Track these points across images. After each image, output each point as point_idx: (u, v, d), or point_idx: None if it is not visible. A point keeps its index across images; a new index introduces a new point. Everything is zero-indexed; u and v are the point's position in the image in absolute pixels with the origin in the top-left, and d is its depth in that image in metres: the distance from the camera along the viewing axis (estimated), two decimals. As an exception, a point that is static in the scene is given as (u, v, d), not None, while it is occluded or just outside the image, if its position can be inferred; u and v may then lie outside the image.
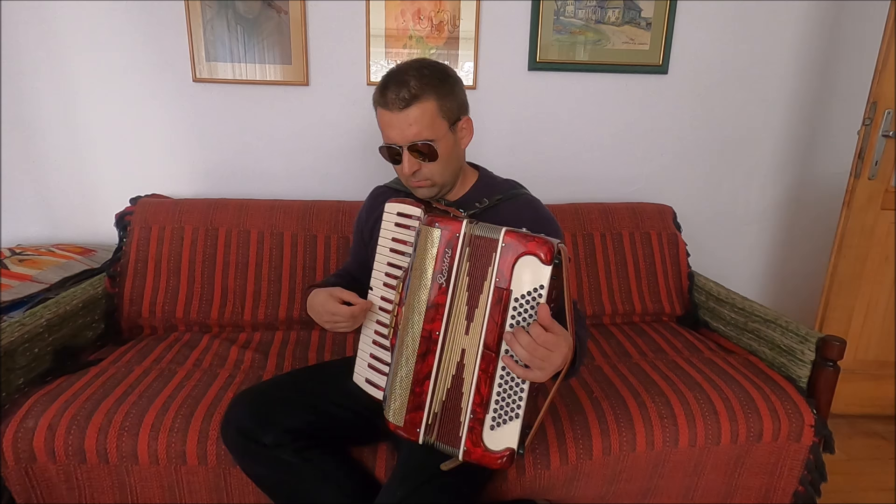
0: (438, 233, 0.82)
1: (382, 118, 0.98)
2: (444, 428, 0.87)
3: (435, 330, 0.84)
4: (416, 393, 0.87)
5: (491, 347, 0.80)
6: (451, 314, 0.84)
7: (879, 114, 1.61)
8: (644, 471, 1.17)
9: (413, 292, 0.85)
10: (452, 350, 0.85)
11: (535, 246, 0.77)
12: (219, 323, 1.54)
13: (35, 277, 1.47)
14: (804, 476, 1.24)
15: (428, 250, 0.83)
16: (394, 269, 0.94)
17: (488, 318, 0.80)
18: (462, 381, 0.84)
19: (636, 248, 1.70)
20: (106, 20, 1.63)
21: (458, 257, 0.82)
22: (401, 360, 0.87)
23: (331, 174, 1.83)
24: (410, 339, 0.86)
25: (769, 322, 1.37)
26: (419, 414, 0.87)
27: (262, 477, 1.04)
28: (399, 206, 0.95)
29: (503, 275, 0.78)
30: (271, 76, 1.72)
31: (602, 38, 1.77)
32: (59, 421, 1.07)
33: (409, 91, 0.93)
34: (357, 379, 1.01)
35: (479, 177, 1.13)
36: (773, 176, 1.98)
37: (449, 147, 0.99)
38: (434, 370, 0.85)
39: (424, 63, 0.98)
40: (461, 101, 1.02)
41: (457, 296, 0.83)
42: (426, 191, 1.02)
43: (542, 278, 0.77)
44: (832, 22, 1.83)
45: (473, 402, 0.83)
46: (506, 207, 1.06)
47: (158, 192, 1.77)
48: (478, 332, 0.82)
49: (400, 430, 0.89)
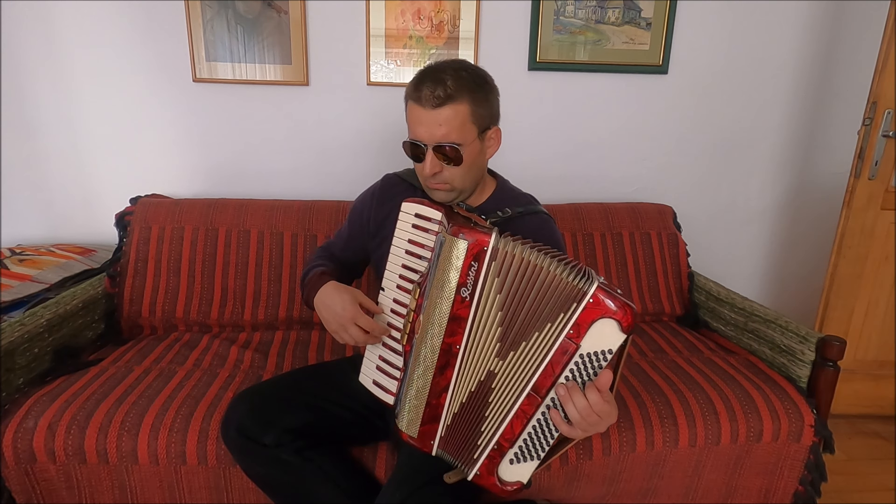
0: (465, 245, 0.78)
1: (413, 113, 0.95)
2: (459, 443, 0.85)
3: (455, 343, 0.81)
4: (432, 405, 0.85)
5: (539, 392, 0.77)
6: (475, 329, 0.81)
7: (879, 114, 1.61)
8: (644, 471, 1.17)
9: (433, 304, 0.82)
10: (475, 366, 0.82)
11: (623, 313, 0.72)
12: (219, 323, 1.54)
13: (35, 277, 1.47)
14: (804, 476, 1.24)
15: (452, 262, 0.79)
16: (408, 272, 0.89)
17: (546, 365, 0.76)
18: (488, 405, 0.82)
19: (636, 248, 1.70)
20: (106, 20, 1.63)
21: (484, 271, 0.78)
22: (416, 370, 0.84)
23: (331, 174, 1.83)
24: (429, 351, 0.83)
25: (769, 322, 1.37)
26: (434, 426, 0.85)
27: (262, 477, 1.03)
28: (417, 208, 0.89)
29: (579, 329, 0.73)
30: (271, 76, 1.72)
31: (602, 38, 1.77)
32: (59, 421, 1.07)
33: (444, 90, 0.90)
34: (363, 380, 0.98)
35: (498, 185, 1.12)
36: (773, 176, 1.98)
37: (474, 154, 0.97)
38: (452, 383, 0.83)
39: (464, 65, 0.96)
40: (494, 111, 1.00)
41: (483, 312, 0.80)
42: (443, 194, 0.99)
43: (614, 344, 0.73)
44: (832, 22, 1.83)
45: (501, 436, 0.81)
46: (523, 222, 1.04)
47: (158, 192, 1.77)
48: (526, 370, 0.78)
49: (413, 441, 0.88)
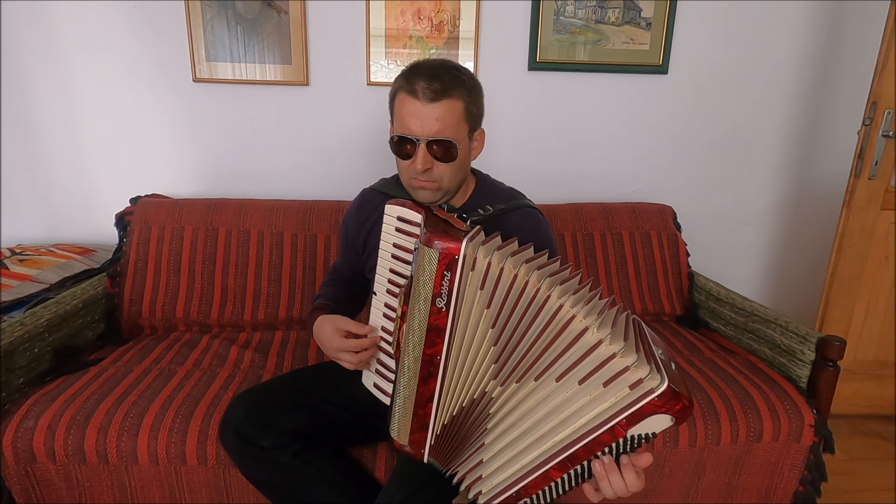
0: (436, 254, 0.75)
1: (405, 107, 0.91)
2: (449, 455, 0.85)
3: (436, 354, 0.80)
4: (419, 415, 0.84)
5: (573, 462, 0.72)
6: (456, 341, 0.79)
7: (879, 114, 1.61)
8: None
9: (412, 313, 0.80)
10: (464, 382, 0.79)
11: (681, 410, 0.66)
12: (219, 323, 1.54)
13: (35, 277, 1.47)
14: (804, 476, 1.24)
15: (426, 270, 0.77)
16: (396, 277, 0.90)
17: (585, 443, 0.71)
18: (486, 431, 0.79)
19: (636, 248, 1.70)
20: (106, 20, 1.63)
21: (458, 281, 0.76)
22: (402, 378, 0.84)
23: (331, 174, 1.83)
24: (412, 361, 0.82)
25: (769, 322, 1.37)
26: (423, 434, 0.85)
27: (261, 479, 1.03)
28: (399, 210, 0.89)
29: (632, 420, 0.67)
30: (271, 76, 1.72)
31: (602, 38, 1.77)
32: (59, 421, 1.07)
33: (442, 84, 0.89)
34: (366, 381, 1.00)
35: (477, 182, 1.10)
36: (773, 176, 1.97)
37: (464, 153, 0.97)
38: (437, 394, 0.82)
39: (456, 64, 0.95)
40: (482, 112, 1.00)
41: (463, 324, 0.77)
42: (429, 194, 0.97)
43: (659, 428, 0.69)
44: (832, 22, 1.83)
45: (522, 487, 0.77)
46: (507, 219, 1.03)
47: (158, 192, 1.77)
48: (551, 430, 0.73)
49: (405, 448, 0.88)
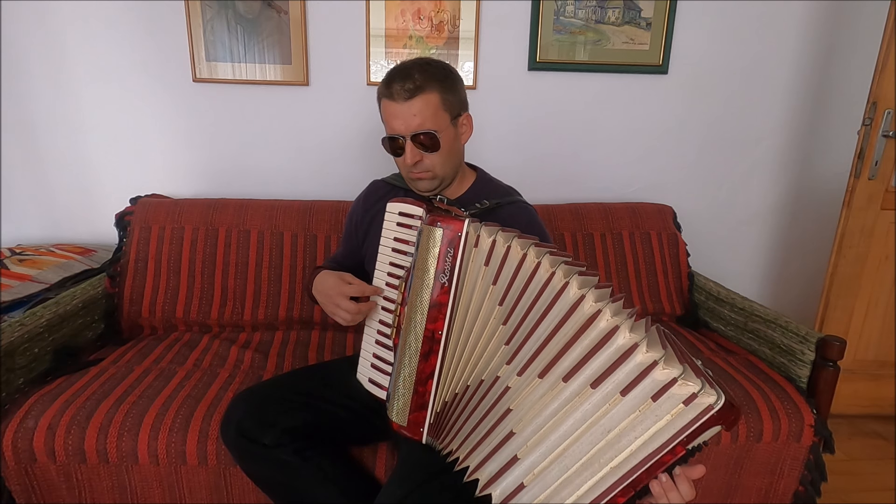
0: (440, 232, 0.82)
1: (387, 109, 1.01)
2: (450, 431, 0.85)
3: (438, 329, 0.83)
4: (419, 392, 0.86)
5: (635, 486, 0.68)
6: (458, 316, 0.83)
7: (879, 114, 1.61)
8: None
9: (415, 292, 0.85)
10: (467, 358, 0.81)
11: (734, 420, 0.64)
12: (219, 323, 1.54)
13: (35, 277, 1.47)
14: (804, 476, 1.24)
15: (430, 250, 0.83)
16: (396, 269, 0.94)
17: (647, 467, 0.67)
18: (508, 428, 0.74)
19: (636, 248, 1.70)
20: (106, 20, 1.63)
21: (460, 257, 0.81)
22: (404, 359, 0.87)
23: (331, 174, 1.83)
24: (413, 338, 0.85)
25: (769, 322, 1.37)
26: (422, 413, 0.86)
27: (262, 477, 1.03)
28: (401, 206, 0.95)
29: (693, 436, 0.65)
30: (271, 76, 1.72)
31: (602, 38, 1.77)
32: (59, 421, 1.07)
33: (413, 82, 0.97)
34: (360, 377, 1.01)
35: (477, 177, 1.17)
36: (773, 176, 1.97)
37: (450, 140, 1.03)
38: (437, 370, 0.84)
39: (427, 59, 1.02)
40: (462, 98, 1.06)
41: (465, 299, 0.81)
42: (427, 183, 1.05)
43: (709, 437, 0.67)
44: (832, 22, 1.83)
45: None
46: (503, 212, 1.08)
47: (158, 192, 1.77)
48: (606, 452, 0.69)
49: (403, 429, 0.89)
